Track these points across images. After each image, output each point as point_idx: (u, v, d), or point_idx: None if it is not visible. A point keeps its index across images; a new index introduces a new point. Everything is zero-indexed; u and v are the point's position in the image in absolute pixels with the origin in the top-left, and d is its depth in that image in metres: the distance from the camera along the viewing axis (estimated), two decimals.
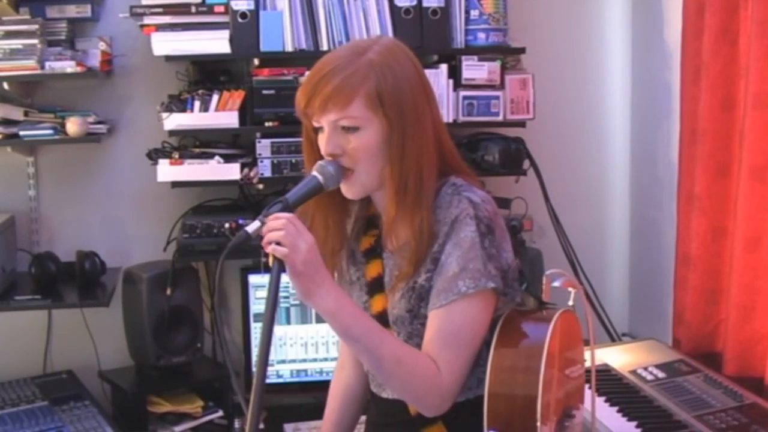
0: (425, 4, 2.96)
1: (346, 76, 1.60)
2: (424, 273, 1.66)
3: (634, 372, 2.53)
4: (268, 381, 1.48)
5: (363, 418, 1.97)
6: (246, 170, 2.93)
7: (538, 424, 1.54)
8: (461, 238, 1.62)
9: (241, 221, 2.90)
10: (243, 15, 2.88)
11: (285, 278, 1.51)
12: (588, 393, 1.82)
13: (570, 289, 1.71)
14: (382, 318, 1.72)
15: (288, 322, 3.03)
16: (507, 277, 1.67)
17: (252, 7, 2.88)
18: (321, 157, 1.66)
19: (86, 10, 2.99)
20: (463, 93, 3.00)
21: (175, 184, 2.94)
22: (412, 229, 1.64)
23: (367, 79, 1.60)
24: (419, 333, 1.68)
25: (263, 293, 2.96)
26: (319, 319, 3.03)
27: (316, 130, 1.67)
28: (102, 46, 2.99)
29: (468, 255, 1.61)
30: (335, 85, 1.59)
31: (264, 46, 2.90)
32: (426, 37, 2.95)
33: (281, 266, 1.51)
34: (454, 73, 3.00)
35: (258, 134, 2.93)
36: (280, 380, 3.06)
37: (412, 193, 1.64)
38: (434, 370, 1.60)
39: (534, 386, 1.55)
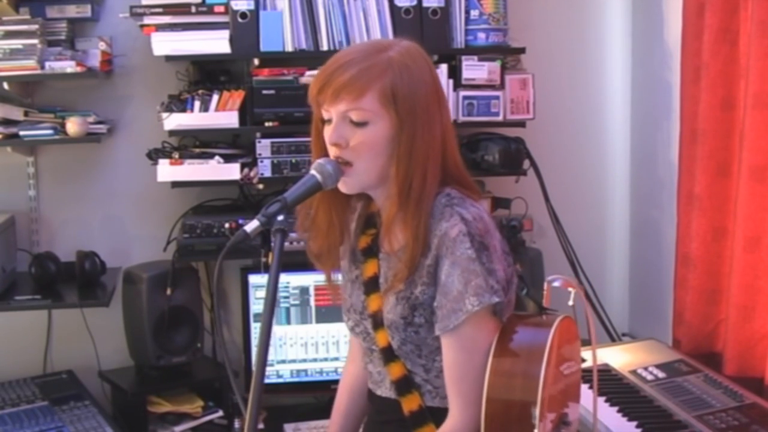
0: (425, 4, 2.96)
1: (363, 68, 1.61)
2: (420, 285, 1.67)
3: (634, 372, 2.53)
4: (267, 381, 1.48)
5: None
6: (246, 170, 2.93)
7: (536, 431, 1.54)
8: (458, 257, 1.62)
9: (241, 221, 2.90)
10: (243, 15, 2.88)
11: (285, 278, 1.51)
12: (585, 392, 1.82)
13: (570, 289, 1.71)
14: (378, 317, 1.73)
15: (288, 322, 3.03)
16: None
17: (252, 7, 2.88)
18: (326, 150, 1.67)
19: (86, 10, 2.99)
20: (463, 93, 3.00)
21: (175, 184, 2.94)
22: (411, 232, 1.64)
23: (384, 74, 1.61)
24: (412, 340, 1.69)
25: (263, 293, 2.95)
26: (319, 319, 3.03)
27: (324, 122, 1.67)
28: (102, 46, 2.99)
29: (468, 273, 1.61)
30: (351, 75, 1.60)
31: (264, 46, 2.90)
32: (426, 37, 2.94)
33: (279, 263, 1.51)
34: (454, 73, 3.00)
35: (258, 134, 2.93)
36: (280, 380, 3.05)
37: (415, 195, 1.64)
38: None
39: (533, 392, 1.55)
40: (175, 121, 2.88)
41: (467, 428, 1.64)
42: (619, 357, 2.65)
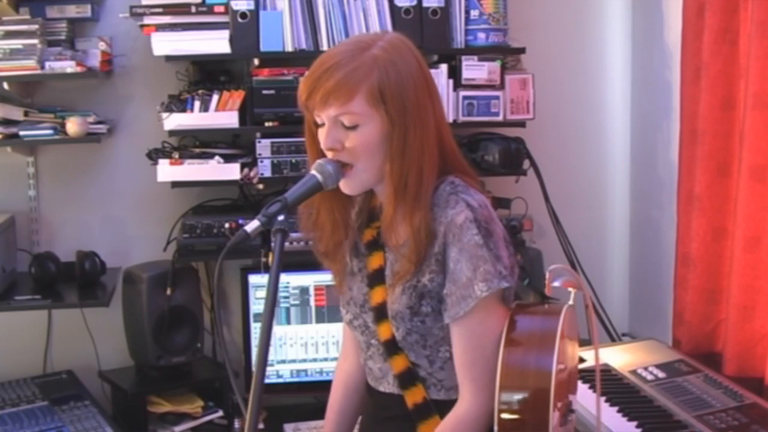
0: (425, 4, 2.96)
1: (349, 71, 1.59)
2: (428, 273, 1.67)
3: (634, 372, 2.53)
4: (268, 381, 1.48)
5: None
6: (246, 170, 2.93)
7: (551, 413, 1.54)
8: (465, 243, 1.62)
9: (241, 221, 2.90)
10: (243, 15, 2.88)
11: (285, 278, 1.51)
12: (587, 393, 1.82)
13: (570, 289, 1.71)
14: (382, 310, 1.73)
15: (288, 322, 3.03)
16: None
17: (252, 7, 2.88)
18: (322, 151, 1.67)
19: (86, 10, 2.99)
20: (463, 93, 3.00)
21: (175, 184, 2.94)
22: (411, 227, 1.64)
23: (370, 74, 1.60)
24: (418, 329, 1.69)
25: (263, 293, 2.96)
26: (319, 319, 3.03)
27: (318, 124, 1.67)
28: (102, 46, 2.99)
29: (476, 259, 1.62)
30: (337, 80, 1.59)
31: (264, 46, 2.90)
32: (426, 37, 2.95)
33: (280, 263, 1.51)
34: (454, 73, 3.00)
35: (258, 134, 2.93)
36: (280, 380, 3.06)
37: (412, 191, 1.64)
38: (467, 422, 1.65)
39: (547, 379, 1.56)
40: (175, 121, 2.88)
41: (480, 412, 1.65)
42: (619, 357, 2.65)
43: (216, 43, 2.90)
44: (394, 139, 1.62)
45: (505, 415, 1.58)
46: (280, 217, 1.54)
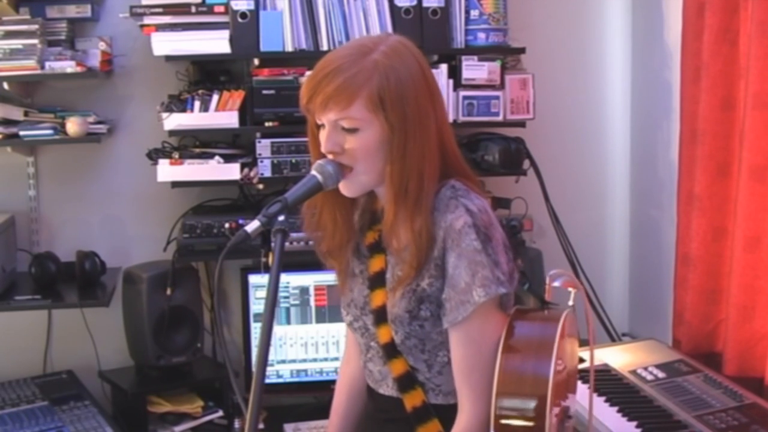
0: (425, 4, 2.96)
1: (349, 76, 1.60)
2: (428, 278, 1.67)
3: (634, 372, 2.53)
4: (268, 381, 1.48)
5: None
6: (246, 170, 2.93)
7: (548, 420, 1.54)
8: (464, 249, 1.62)
9: (241, 221, 2.90)
10: (243, 15, 2.88)
11: (285, 278, 1.51)
12: (585, 393, 1.82)
13: (570, 289, 1.71)
14: (382, 313, 1.73)
15: (288, 322, 3.03)
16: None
17: (252, 7, 2.88)
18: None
19: (86, 10, 2.99)
20: (463, 93, 3.00)
21: (175, 184, 2.94)
22: (412, 232, 1.64)
23: (370, 80, 1.60)
24: (417, 334, 1.69)
25: (263, 293, 2.96)
26: (319, 319, 3.03)
27: (319, 126, 1.68)
28: (102, 46, 2.99)
29: (474, 264, 1.62)
30: (337, 85, 1.59)
31: (264, 46, 2.90)
32: (426, 37, 2.95)
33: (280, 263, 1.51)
34: (454, 73, 3.00)
35: (258, 134, 2.93)
36: (280, 380, 3.05)
37: (412, 196, 1.64)
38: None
39: (543, 386, 1.56)
40: (175, 121, 2.88)
41: (479, 421, 1.65)
42: (619, 357, 2.65)
43: (216, 43, 2.90)
44: (394, 144, 1.62)
45: (501, 421, 1.58)
46: (281, 218, 1.55)
